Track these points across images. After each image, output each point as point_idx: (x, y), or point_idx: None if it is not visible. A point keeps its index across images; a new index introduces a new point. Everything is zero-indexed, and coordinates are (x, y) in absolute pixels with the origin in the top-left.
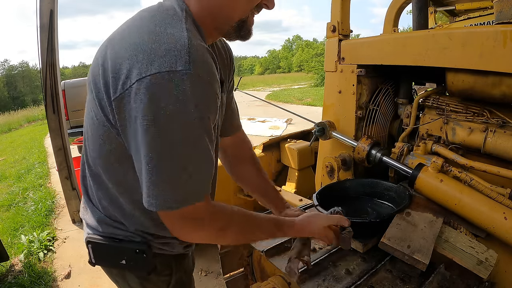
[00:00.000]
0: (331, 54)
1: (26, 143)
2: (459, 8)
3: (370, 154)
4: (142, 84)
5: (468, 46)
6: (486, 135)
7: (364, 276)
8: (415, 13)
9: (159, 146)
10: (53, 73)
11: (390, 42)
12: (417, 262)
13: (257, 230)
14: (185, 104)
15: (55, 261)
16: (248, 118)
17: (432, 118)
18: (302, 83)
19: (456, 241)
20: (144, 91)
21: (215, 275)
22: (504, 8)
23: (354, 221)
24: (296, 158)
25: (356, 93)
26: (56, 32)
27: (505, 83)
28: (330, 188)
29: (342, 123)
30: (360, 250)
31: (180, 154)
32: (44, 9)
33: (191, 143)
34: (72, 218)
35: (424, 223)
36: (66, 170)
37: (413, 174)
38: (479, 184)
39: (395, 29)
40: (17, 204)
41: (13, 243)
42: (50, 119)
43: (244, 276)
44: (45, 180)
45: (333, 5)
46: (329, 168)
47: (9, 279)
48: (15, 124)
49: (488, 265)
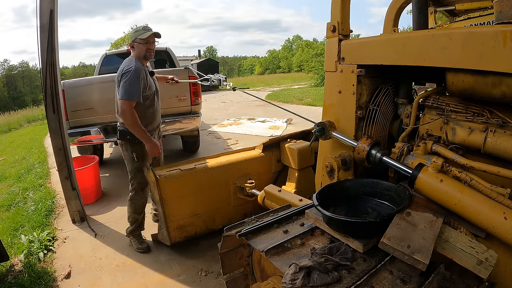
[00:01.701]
0: (331, 54)
1: (26, 143)
2: (459, 8)
3: (370, 154)
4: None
5: (468, 46)
6: (486, 135)
7: (364, 276)
8: (415, 13)
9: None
10: (53, 73)
11: (390, 42)
12: (417, 262)
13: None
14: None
15: (55, 261)
16: (248, 118)
17: (432, 118)
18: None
19: (456, 241)
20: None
21: (215, 275)
22: (504, 8)
23: (354, 221)
24: (296, 158)
25: (356, 93)
26: (56, 32)
27: (505, 83)
28: (330, 188)
29: (342, 123)
30: (360, 250)
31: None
32: (44, 9)
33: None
34: (72, 218)
35: (424, 223)
36: (66, 170)
37: (413, 174)
38: (479, 184)
39: (395, 29)
40: (17, 204)
41: (13, 243)
42: (50, 119)
43: (244, 276)
44: (45, 180)
45: (333, 5)
46: (329, 168)
47: (9, 279)
48: (15, 124)
49: (488, 265)
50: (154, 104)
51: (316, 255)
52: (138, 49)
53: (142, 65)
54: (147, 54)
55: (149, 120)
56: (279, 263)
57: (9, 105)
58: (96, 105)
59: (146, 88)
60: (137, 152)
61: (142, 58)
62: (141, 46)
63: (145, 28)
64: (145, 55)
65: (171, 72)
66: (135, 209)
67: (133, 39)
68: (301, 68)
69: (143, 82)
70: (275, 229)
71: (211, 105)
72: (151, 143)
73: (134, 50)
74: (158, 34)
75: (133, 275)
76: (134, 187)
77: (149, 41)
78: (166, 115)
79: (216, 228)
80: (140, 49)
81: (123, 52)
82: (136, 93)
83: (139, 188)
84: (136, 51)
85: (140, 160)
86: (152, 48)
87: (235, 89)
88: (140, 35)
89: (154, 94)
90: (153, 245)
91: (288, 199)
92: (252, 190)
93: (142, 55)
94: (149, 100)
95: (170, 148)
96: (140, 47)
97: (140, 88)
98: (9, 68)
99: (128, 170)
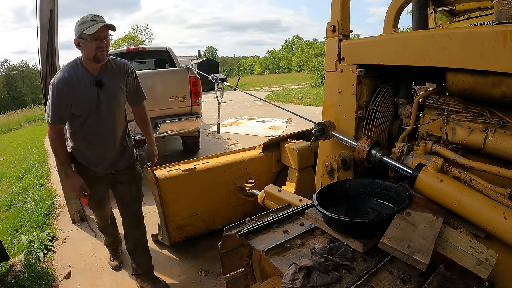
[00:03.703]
0: (331, 54)
1: (26, 143)
2: (459, 8)
3: (370, 154)
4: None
5: (468, 46)
6: (486, 135)
7: (364, 276)
8: (415, 13)
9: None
10: (53, 73)
11: (390, 42)
12: (417, 262)
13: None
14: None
15: (55, 261)
16: (248, 118)
17: (432, 118)
18: (302, 83)
19: (456, 241)
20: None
21: (215, 275)
22: (504, 8)
23: (354, 221)
24: (296, 158)
25: (356, 93)
26: (56, 32)
27: (505, 83)
28: (330, 188)
29: (342, 123)
30: (360, 250)
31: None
32: (44, 9)
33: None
34: (72, 218)
35: (424, 223)
36: None
37: (413, 174)
38: (479, 184)
39: (395, 29)
40: (17, 204)
41: (13, 243)
42: None
43: (244, 276)
44: (45, 180)
45: (333, 5)
46: (329, 168)
47: (9, 279)
48: (15, 124)
49: (488, 265)
50: (92, 124)
51: (316, 255)
52: (85, 47)
53: (86, 69)
54: (98, 55)
55: (84, 145)
56: (279, 263)
57: (9, 105)
58: None
59: (75, 103)
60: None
61: (91, 60)
62: (88, 44)
63: (94, 19)
64: (95, 55)
65: (172, 72)
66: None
67: (78, 34)
68: (301, 68)
69: (69, 97)
70: (275, 229)
71: (211, 105)
72: (67, 178)
73: (80, 48)
74: (112, 26)
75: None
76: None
77: (99, 36)
78: (166, 116)
79: (216, 228)
80: (88, 48)
81: (123, 52)
82: (53, 114)
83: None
84: (84, 51)
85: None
86: (103, 46)
87: (235, 89)
88: (87, 29)
89: (94, 108)
90: (153, 245)
91: (288, 199)
92: (252, 190)
93: (90, 55)
94: (81, 119)
95: (170, 149)
96: (87, 45)
97: (58, 108)
98: (9, 68)
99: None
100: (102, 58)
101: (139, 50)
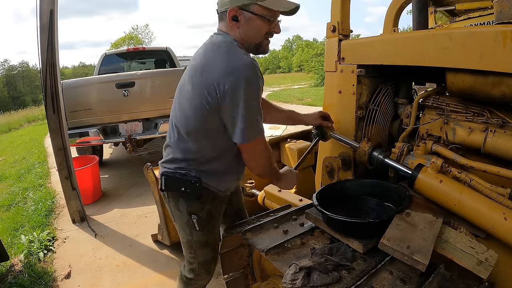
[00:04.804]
0: (331, 54)
1: (26, 143)
2: (459, 8)
3: (372, 157)
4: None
5: (468, 46)
6: (486, 135)
7: (364, 276)
8: (415, 13)
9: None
10: (53, 73)
11: (390, 42)
12: (416, 263)
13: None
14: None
15: (55, 261)
16: None
17: (432, 118)
18: (302, 83)
19: (456, 241)
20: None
21: (215, 275)
22: (504, 8)
23: (354, 221)
24: (296, 158)
25: (356, 93)
26: (56, 32)
27: (505, 83)
28: (330, 188)
29: (342, 123)
30: (360, 250)
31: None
32: (44, 9)
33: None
34: (72, 218)
35: (424, 223)
36: (66, 170)
37: (412, 175)
38: (479, 184)
39: (395, 29)
40: (17, 204)
41: (13, 243)
42: (50, 119)
43: (244, 276)
44: (45, 180)
45: (333, 5)
46: (329, 168)
47: (9, 279)
48: (15, 124)
49: (488, 265)
50: None
51: (316, 255)
52: (250, 26)
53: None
54: (265, 44)
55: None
56: (279, 263)
57: (9, 105)
58: (94, 106)
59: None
60: (199, 213)
61: (252, 48)
62: (260, 23)
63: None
64: (260, 43)
65: (172, 72)
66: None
67: (247, 2)
68: (301, 68)
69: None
70: (275, 229)
71: None
72: (285, 175)
73: (238, 25)
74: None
75: (133, 275)
76: (194, 267)
77: (276, 16)
78: (167, 115)
79: None
80: (256, 29)
81: (123, 52)
82: (261, 123)
83: (202, 269)
84: (244, 31)
85: (204, 226)
86: (277, 33)
87: None
88: (273, 1)
89: None
90: (153, 245)
91: (288, 199)
92: (252, 190)
93: (256, 40)
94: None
95: None
96: (256, 23)
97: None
98: (9, 68)
99: (182, 242)
100: (267, 50)
101: (139, 50)
